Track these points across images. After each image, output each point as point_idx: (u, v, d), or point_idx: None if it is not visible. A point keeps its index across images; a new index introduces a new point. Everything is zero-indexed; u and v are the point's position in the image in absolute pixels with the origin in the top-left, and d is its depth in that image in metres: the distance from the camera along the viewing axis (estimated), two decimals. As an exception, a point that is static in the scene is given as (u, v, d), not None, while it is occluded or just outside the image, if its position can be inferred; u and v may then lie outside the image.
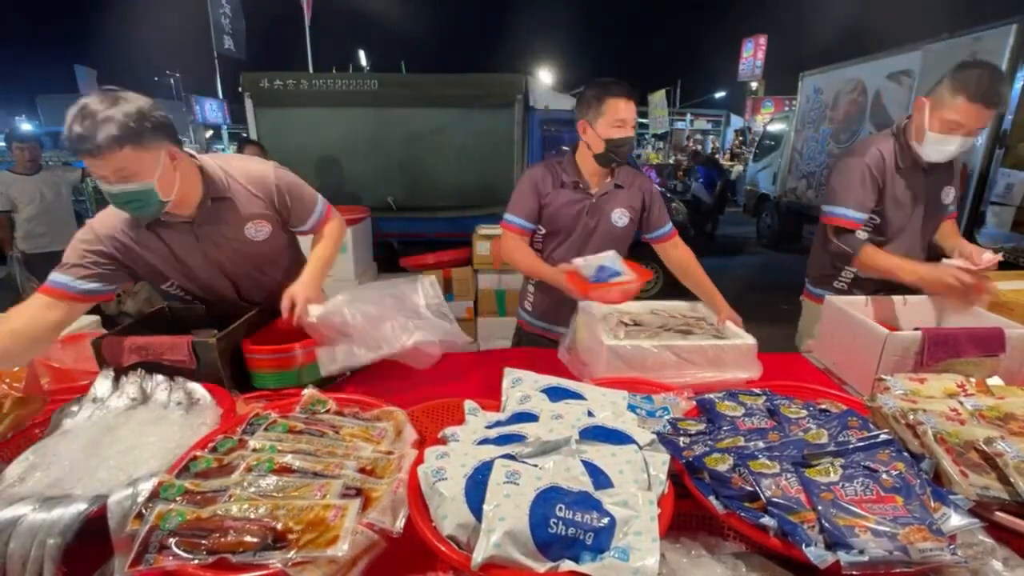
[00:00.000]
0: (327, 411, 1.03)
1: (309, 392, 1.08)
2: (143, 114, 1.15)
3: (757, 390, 1.06)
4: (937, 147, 1.58)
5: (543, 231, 1.84)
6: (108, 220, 1.35)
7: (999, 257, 1.56)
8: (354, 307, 1.28)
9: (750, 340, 1.37)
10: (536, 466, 0.77)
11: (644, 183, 1.84)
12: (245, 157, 1.58)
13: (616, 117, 1.63)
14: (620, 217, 1.79)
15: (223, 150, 11.54)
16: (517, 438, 0.85)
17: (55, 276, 1.29)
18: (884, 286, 1.73)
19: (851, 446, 0.82)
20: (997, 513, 0.76)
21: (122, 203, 1.21)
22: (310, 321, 1.28)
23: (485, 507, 0.68)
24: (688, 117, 24.79)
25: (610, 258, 1.47)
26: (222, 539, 0.68)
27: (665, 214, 1.86)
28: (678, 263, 1.84)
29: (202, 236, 1.40)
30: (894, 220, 1.76)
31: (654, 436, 0.89)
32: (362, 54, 17.22)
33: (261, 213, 1.46)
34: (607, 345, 1.30)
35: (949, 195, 1.77)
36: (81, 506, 0.76)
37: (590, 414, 0.95)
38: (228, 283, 1.52)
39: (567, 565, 0.65)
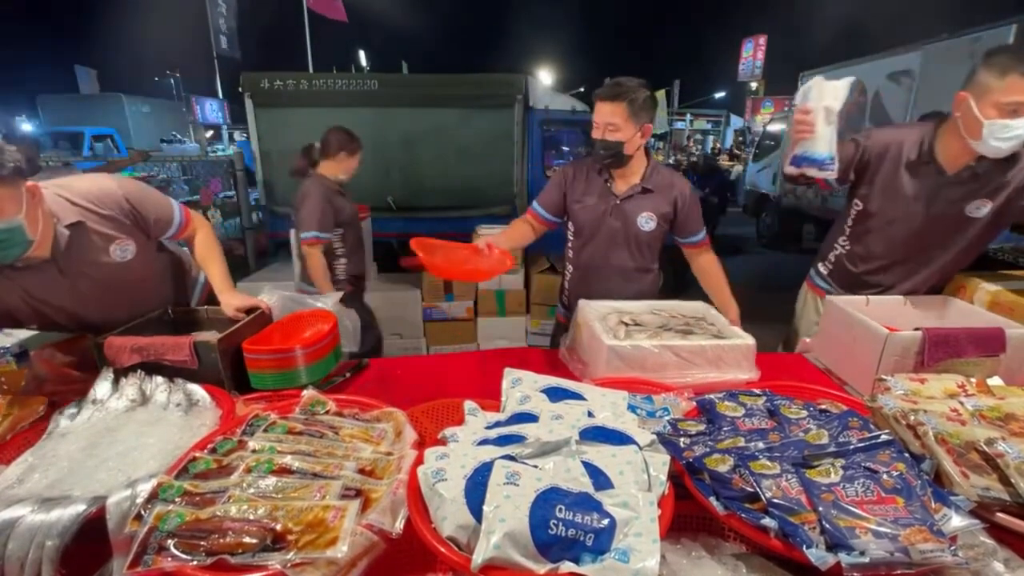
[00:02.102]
0: (327, 412, 1.03)
1: (309, 393, 1.08)
2: (3, 152, 1.08)
3: (757, 390, 1.06)
4: (1000, 134, 1.45)
5: (572, 229, 1.89)
6: None
7: None
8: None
9: (750, 340, 1.37)
10: (536, 467, 0.77)
11: (680, 188, 1.78)
12: (86, 177, 1.48)
13: (597, 119, 1.66)
14: (647, 221, 1.77)
15: (223, 150, 11.50)
16: (517, 439, 0.85)
17: None
18: (859, 283, 1.73)
19: (852, 447, 0.82)
20: (998, 514, 0.76)
21: None
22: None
23: (485, 508, 0.68)
24: (688, 117, 24.78)
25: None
26: (221, 540, 0.68)
27: (699, 222, 1.83)
28: (700, 269, 1.88)
29: (67, 270, 1.32)
30: (881, 208, 1.70)
31: (654, 437, 0.89)
32: (362, 54, 17.22)
33: (120, 232, 1.39)
34: (607, 345, 1.30)
35: (981, 210, 1.63)
36: (80, 507, 0.76)
37: (590, 414, 0.95)
38: (98, 313, 1.42)
39: (567, 566, 0.65)
